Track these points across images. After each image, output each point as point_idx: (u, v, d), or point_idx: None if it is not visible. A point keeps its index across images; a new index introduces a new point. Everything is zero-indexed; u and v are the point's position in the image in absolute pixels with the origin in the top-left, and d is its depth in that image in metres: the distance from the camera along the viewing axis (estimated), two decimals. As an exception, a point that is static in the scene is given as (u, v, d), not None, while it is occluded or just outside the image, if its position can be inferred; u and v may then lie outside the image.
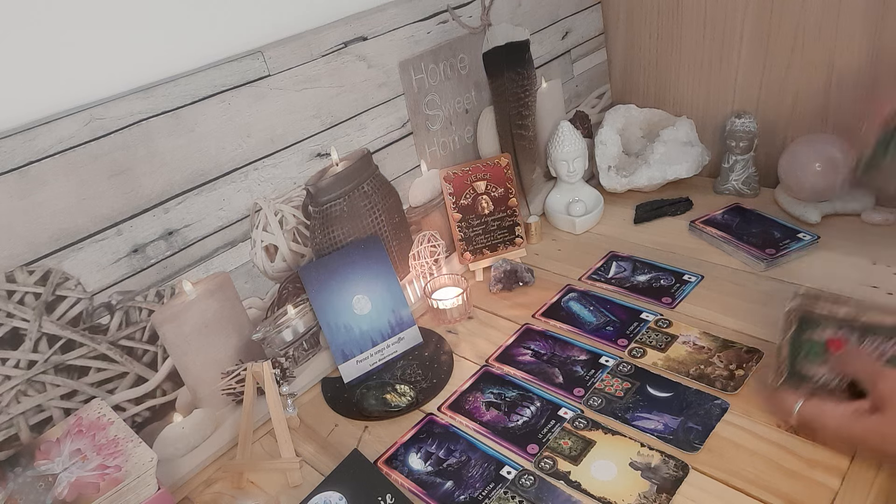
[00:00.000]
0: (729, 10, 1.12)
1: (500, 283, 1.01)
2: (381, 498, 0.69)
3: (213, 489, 0.77)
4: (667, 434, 0.72)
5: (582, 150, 1.13)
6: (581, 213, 1.13)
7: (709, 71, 1.19)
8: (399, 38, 0.92)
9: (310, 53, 0.82)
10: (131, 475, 0.63)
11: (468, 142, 1.07)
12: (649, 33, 1.24)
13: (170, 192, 0.73)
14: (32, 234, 0.64)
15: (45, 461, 0.64)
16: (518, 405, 0.80)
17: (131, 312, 0.72)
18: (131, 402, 0.73)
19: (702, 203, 1.14)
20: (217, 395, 0.81)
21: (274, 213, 0.83)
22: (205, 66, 0.75)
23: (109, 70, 0.69)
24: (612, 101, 1.34)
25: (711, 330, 0.85)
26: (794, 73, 1.09)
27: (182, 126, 0.72)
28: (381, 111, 0.92)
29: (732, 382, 0.76)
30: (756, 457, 0.68)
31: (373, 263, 0.91)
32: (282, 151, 0.82)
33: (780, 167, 1.06)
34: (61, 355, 0.67)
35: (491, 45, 1.03)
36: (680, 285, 0.95)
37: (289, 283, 0.87)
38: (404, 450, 0.77)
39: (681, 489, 0.66)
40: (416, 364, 0.89)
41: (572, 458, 0.71)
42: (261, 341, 0.83)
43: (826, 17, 1.02)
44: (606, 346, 0.86)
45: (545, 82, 1.15)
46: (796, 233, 1.00)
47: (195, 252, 0.77)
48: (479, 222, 1.06)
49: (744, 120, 1.11)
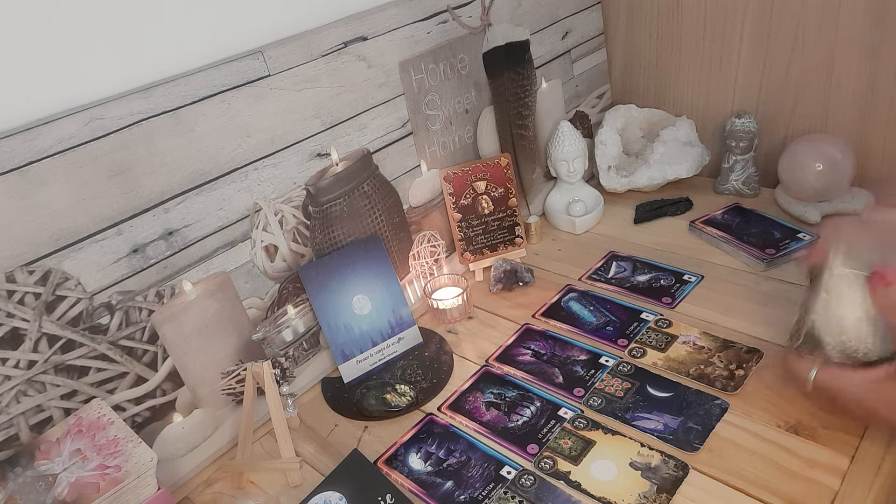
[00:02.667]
0: (729, 10, 1.12)
1: (500, 283, 1.01)
2: (381, 498, 0.69)
3: (213, 489, 0.77)
4: (667, 434, 0.72)
5: (582, 150, 1.13)
6: (581, 213, 1.13)
7: (709, 71, 1.19)
8: (399, 38, 0.92)
9: (310, 53, 0.82)
10: (131, 475, 0.63)
11: (468, 142, 1.07)
12: (649, 33, 1.24)
13: (170, 192, 0.73)
14: (32, 234, 0.64)
15: (45, 461, 0.64)
16: (518, 405, 0.80)
17: (131, 312, 0.72)
18: (131, 402, 0.73)
19: (702, 203, 1.14)
20: (217, 395, 0.81)
21: (274, 213, 0.83)
22: (205, 66, 0.75)
23: (109, 70, 0.69)
24: (612, 101, 1.34)
25: (711, 330, 0.85)
26: (794, 73, 1.09)
27: (182, 126, 0.72)
28: (381, 111, 0.92)
29: (732, 382, 0.76)
30: (756, 457, 0.68)
31: (373, 263, 0.91)
32: (282, 151, 0.82)
33: (780, 167, 1.06)
34: (61, 355, 0.67)
35: (491, 45, 1.03)
36: (680, 285, 0.95)
37: (289, 283, 0.87)
38: (404, 450, 0.77)
39: (681, 489, 0.66)
40: (416, 364, 0.89)
41: (572, 458, 0.71)
42: (261, 341, 0.83)
43: (826, 17, 1.02)
44: (606, 346, 0.86)
45: (545, 82, 1.15)
46: (796, 233, 1.00)
47: (195, 252, 0.77)
48: (479, 222, 1.06)
49: (744, 120, 1.11)
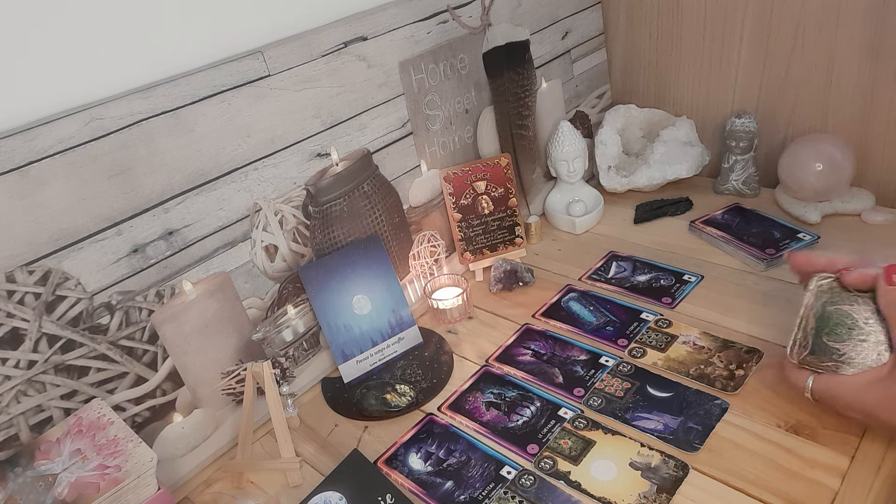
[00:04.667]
0: (729, 10, 1.11)
1: (500, 283, 1.01)
2: (381, 498, 0.69)
3: (213, 489, 0.77)
4: (667, 434, 0.72)
5: (582, 150, 1.13)
6: (581, 213, 1.13)
7: (709, 71, 1.19)
8: (399, 38, 0.92)
9: (310, 53, 0.82)
10: (131, 475, 0.63)
11: (468, 142, 1.07)
12: (649, 33, 1.24)
13: (170, 192, 0.73)
14: (32, 234, 0.64)
15: (45, 461, 0.64)
16: (518, 405, 0.80)
17: (131, 312, 0.72)
18: (131, 402, 0.73)
19: (702, 203, 1.14)
20: (217, 395, 0.81)
21: (274, 213, 0.83)
22: (205, 66, 0.75)
23: (109, 70, 0.69)
24: (612, 101, 1.34)
25: (711, 330, 0.85)
26: (794, 73, 1.09)
27: (182, 126, 0.72)
28: (381, 111, 0.92)
29: (732, 382, 0.76)
30: (756, 457, 0.68)
31: (373, 263, 0.91)
32: (282, 151, 0.82)
33: (780, 167, 1.06)
34: (61, 355, 0.67)
35: (491, 45, 1.03)
36: (680, 285, 0.95)
37: (289, 283, 0.87)
38: (404, 450, 0.77)
39: (681, 489, 0.66)
40: (416, 364, 0.89)
41: (572, 458, 0.71)
42: (261, 341, 0.83)
43: (826, 17, 1.02)
44: (606, 346, 0.86)
45: (545, 82, 1.15)
46: (796, 233, 1.00)
47: (195, 252, 0.77)
48: (479, 222, 1.06)
49: (744, 120, 1.11)
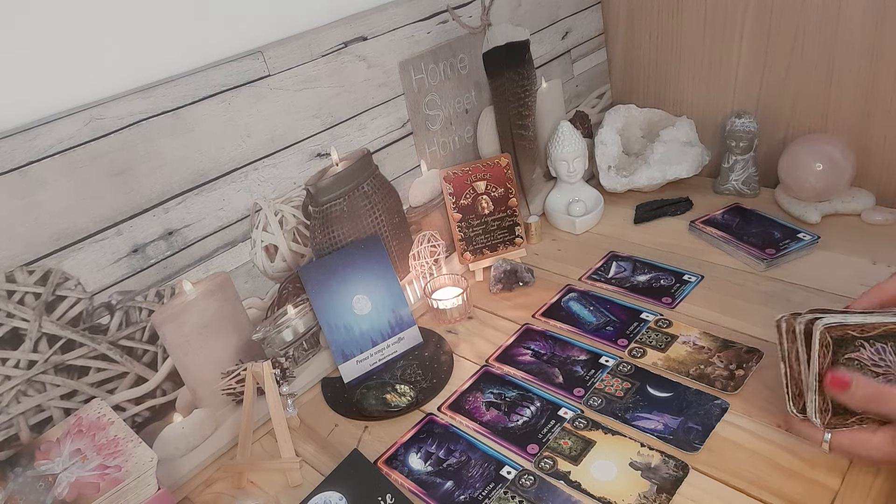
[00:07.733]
0: (729, 10, 1.11)
1: (500, 283, 1.01)
2: (381, 498, 0.69)
3: (213, 489, 0.77)
4: (667, 434, 0.72)
5: (582, 150, 1.13)
6: (581, 213, 1.13)
7: (709, 71, 1.19)
8: (399, 38, 0.92)
9: (310, 53, 0.82)
10: (131, 475, 0.63)
11: (468, 142, 1.07)
12: (649, 33, 1.24)
13: (170, 192, 0.73)
14: (32, 234, 0.64)
15: (45, 461, 0.64)
16: (518, 405, 0.80)
17: (131, 312, 0.72)
18: (131, 402, 0.73)
19: (702, 203, 1.14)
20: (217, 395, 0.81)
21: (274, 213, 0.83)
22: (205, 66, 0.75)
23: (109, 70, 0.69)
24: (612, 101, 1.34)
25: (711, 330, 0.85)
26: (794, 73, 1.09)
27: (182, 126, 0.72)
28: (381, 111, 0.92)
29: (732, 382, 0.76)
30: (756, 457, 0.68)
31: (373, 263, 0.91)
32: (282, 151, 0.82)
33: (780, 167, 1.06)
34: (61, 355, 0.67)
35: (491, 45, 1.03)
36: (680, 285, 0.95)
37: (289, 283, 0.86)
38: (404, 450, 0.77)
39: (681, 489, 0.66)
40: (416, 364, 0.89)
41: (572, 458, 0.71)
42: (261, 341, 0.83)
43: (826, 17, 1.02)
44: (606, 346, 0.86)
45: (545, 82, 1.15)
46: (796, 233, 1.00)
47: (195, 252, 0.76)
48: (479, 222, 1.06)
49: (744, 120, 1.11)
